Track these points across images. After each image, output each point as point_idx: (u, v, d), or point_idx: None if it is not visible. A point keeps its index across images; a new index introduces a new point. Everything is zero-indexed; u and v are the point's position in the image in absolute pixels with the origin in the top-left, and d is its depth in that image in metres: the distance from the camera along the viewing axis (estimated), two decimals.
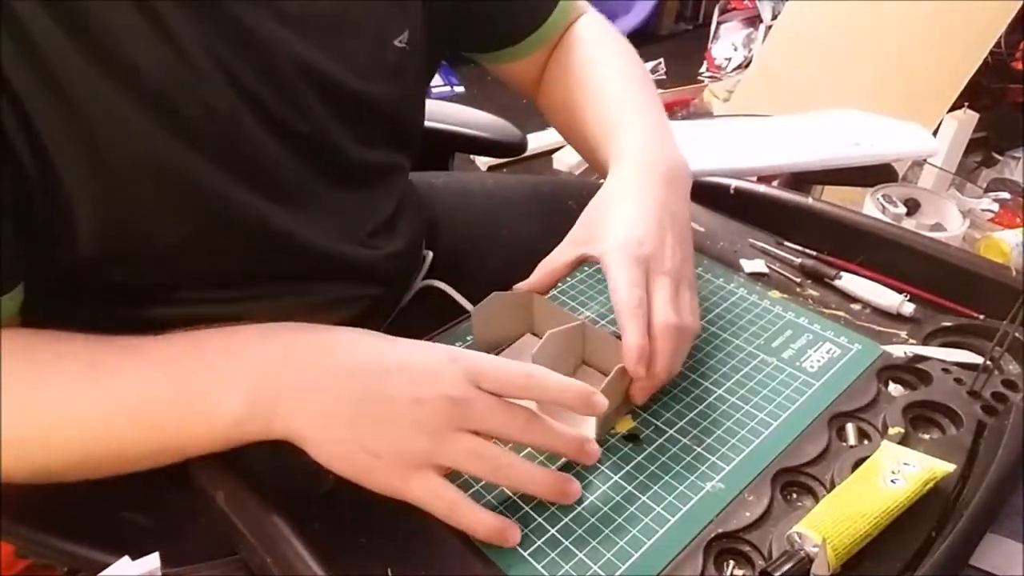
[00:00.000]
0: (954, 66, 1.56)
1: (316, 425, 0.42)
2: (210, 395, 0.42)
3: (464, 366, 0.43)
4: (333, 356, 0.44)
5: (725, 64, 2.77)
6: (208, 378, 0.43)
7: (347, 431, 0.42)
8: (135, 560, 0.41)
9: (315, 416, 0.42)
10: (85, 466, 0.44)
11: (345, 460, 0.42)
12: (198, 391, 0.43)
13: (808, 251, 0.64)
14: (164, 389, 0.43)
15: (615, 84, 0.67)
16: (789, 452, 0.46)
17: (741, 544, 0.41)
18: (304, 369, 0.43)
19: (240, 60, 0.49)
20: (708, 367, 0.53)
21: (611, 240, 0.51)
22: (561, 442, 0.44)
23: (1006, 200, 1.40)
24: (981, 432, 0.47)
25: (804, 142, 0.92)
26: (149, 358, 0.44)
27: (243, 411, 0.42)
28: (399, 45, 0.59)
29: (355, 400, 0.42)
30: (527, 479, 0.43)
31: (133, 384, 0.43)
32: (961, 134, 1.56)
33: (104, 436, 0.43)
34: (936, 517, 0.42)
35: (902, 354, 0.54)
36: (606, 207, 0.54)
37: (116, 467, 0.44)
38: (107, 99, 0.44)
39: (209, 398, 0.42)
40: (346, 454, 0.42)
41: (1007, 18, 1.53)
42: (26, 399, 0.43)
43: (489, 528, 0.41)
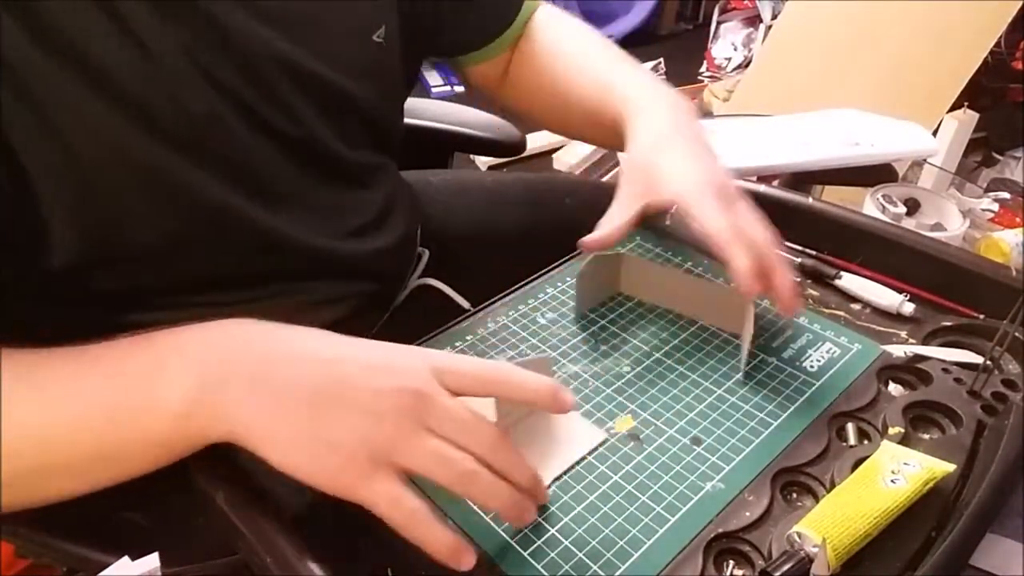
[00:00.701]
0: (954, 66, 1.56)
1: (266, 414, 0.38)
2: (151, 389, 0.39)
3: (428, 360, 0.40)
4: (284, 344, 0.41)
5: (725, 64, 2.77)
6: (149, 372, 0.40)
7: (301, 420, 0.38)
8: (135, 560, 0.41)
9: (265, 404, 0.38)
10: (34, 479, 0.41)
11: (298, 454, 0.38)
12: (138, 386, 0.40)
13: (808, 251, 0.64)
14: (103, 389, 0.40)
15: (591, 50, 0.70)
16: (789, 452, 0.46)
17: (741, 544, 0.41)
18: (252, 357, 0.40)
19: (218, 59, 0.49)
20: (708, 367, 0.53)
21: (678, 182, 0.52)
22: (522, 472, 0.40)
23: (1006, 200, 1.40)
24: (981, 432, 0.47)
25: (804, 142, 0.92)
26: (89, 360, 0.41)
27: (186, 404, 0.39)
28: (377, 40, 0.60)
29: (309, 387, 0.39)
30: (491, 493, 0.39)
31: (71, 386, 0.40)
32: (961, 134, 1.56)
33: (41, 443, 0.40)
34: (936, 517, 0.42)
35: (902, 354, 0.54)
36: (653, 157, 0.56)
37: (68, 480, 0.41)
38: (77, 102, 0.44)
39: (150, 392, 0.39)
40: (300, 446, 0.38)
41: (1007, 18, 1.53)
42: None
43: (445, 547, 0.37)
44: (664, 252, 0.65)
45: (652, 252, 0.65)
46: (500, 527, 0.42)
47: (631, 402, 0.50)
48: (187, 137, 0.48)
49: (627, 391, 0.51)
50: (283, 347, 0.41)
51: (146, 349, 0.41)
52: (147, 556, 0.41)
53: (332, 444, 0.38)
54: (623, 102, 0.61)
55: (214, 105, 0.49)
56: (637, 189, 0.55)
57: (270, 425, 0.38)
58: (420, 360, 0.40)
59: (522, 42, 0.73)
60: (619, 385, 0.52)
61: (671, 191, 0.52)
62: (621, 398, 0.51)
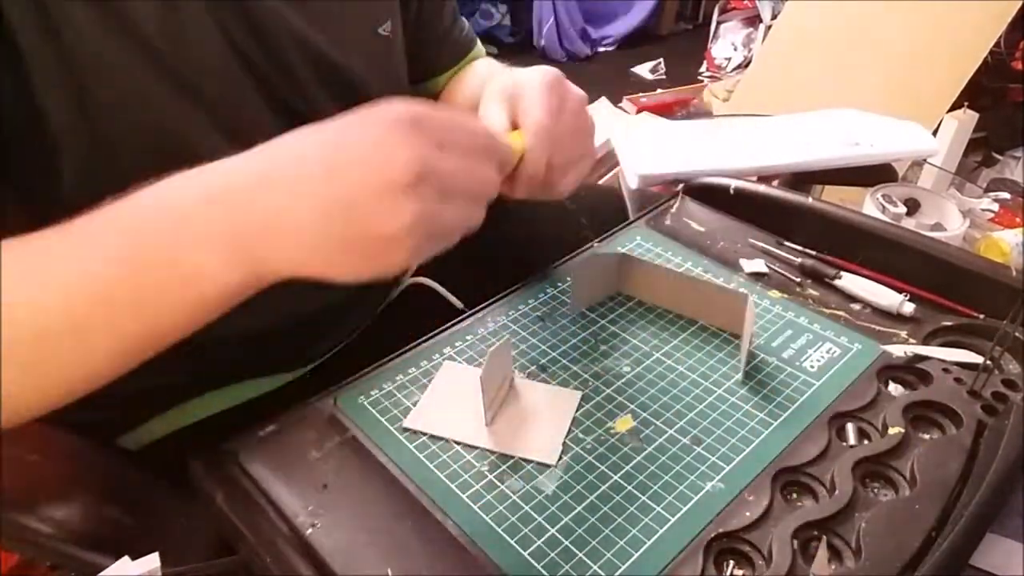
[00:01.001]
0: (954, 66, 1.56)
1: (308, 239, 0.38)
2: (177, 260, 0.38)
3: (407, 120, 0.39)
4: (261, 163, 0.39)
5: (725, 64, 2.77)
6: (164, 248, 0.38)
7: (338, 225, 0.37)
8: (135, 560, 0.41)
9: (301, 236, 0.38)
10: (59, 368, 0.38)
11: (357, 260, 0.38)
12: (156, 262, 0.38)
13: (808, 251, 0.64)
14: (111, 269, 0.38)
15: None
16: (789, 452, 0.46)
17: (741, 544, 0.41)
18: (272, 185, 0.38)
19: (239, 27, 0.50)
20: (708, 367, 0.53)
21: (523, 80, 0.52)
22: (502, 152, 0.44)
23: (1006, 200, 1.40)
24: (981, 432, 0.47)
25: (804, 142, 0.92)
26: (81, 239, 0.39)
27: (225, 266, 0.38)
28: (383, 33, 0.61)
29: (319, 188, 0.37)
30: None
31: (72, 270, 0.38)
32: (961, 134, 1.56)
33: (64, 326, 0.37)
34: (936, 517, 0.42)
35: (902, 354, 0.54)
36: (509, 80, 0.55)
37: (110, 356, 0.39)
38: (103, 46, 0.44)
39: (176, 264, 0.38)
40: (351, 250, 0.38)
41: (1007, 18, 1.53)
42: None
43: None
44: (664, 252, 0.65)
45: (652, 252, 0.65)
46: (500, 527, 0.42)
47: (631, 402, 0.50)
48: (207, 96, 0.49)
49: (627, 391, 0.51)
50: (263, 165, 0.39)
51: (151, 220, 0.39)
52: (147, 556, 0.41)
53: (375, 238, 0.37)
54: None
55: (230, 68, 0.50)
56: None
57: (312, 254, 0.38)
58: (392, 107, 0.39)
59: (451, 82, 0.75)
60: (619, 385, 0.52)
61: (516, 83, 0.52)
62: (621, 398, 0.51)
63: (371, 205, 0.37)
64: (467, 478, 0.45)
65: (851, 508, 0.42)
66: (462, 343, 0.56)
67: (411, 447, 0.47)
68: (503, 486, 0.45)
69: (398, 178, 0.37)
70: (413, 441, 0.48)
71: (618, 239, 0.67)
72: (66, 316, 0.37)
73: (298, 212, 0.37)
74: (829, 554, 0.40)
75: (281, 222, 0.38)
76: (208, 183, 0.39)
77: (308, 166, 0.38)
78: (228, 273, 0.38)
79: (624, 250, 0.63)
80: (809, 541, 0.41)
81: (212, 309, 0.40)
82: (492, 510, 0.43)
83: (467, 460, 0.46)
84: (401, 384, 0.52)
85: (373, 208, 0.37)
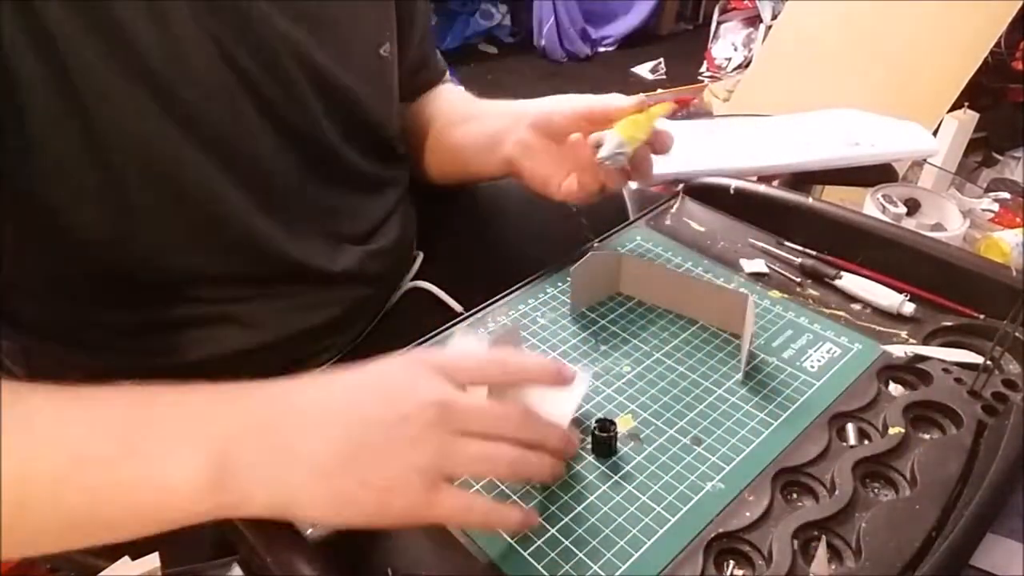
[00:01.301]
0: (954, 66, 1.56)
1: (309, 481, 0.36)
2: (164, 457, 0.36)
3: (432, 366, 0.40)
4: (297, 405, 0.39)
5: (725, 64, 2.77)
6: (160, 439, 0.37)
7: (345, 474, 0.36)
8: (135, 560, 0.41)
9: (304, 472, 0.36)
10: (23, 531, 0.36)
11: (353, 505, 0.37)
12: (147, 452, 0.36)
13: (808, 251, 0.64)
14: (105, 445, 0.36)
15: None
16: (789, 452, 0.46)
17: (741, 544, 0.41)
18: (274, 427, 0.38)
19: (236, 43, 0.49)
20: (708, 367, 0.53)
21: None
22: (555, 436, 0.42)
23: (1006, 200, 1.39)
24: (981, 432, 0.47)
25: (804, 142, 0.92)
26: (89, 407, 0.37)
27: (207, 479, 0.36)
28: (383, 54, 0.61)
29: (341, 439, 0.37)
30: (539, 469, 0.41)
31: (67, 434, 0.36)
32: (961, 134, 1.56)
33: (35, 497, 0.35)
34: (936, 517, 0.42)
35: (902, 354, 0.54)
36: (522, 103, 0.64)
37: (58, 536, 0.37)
38: (107, 77, 0.44)
39: (163, 461, 0.36)
40: (352, 498, 0.37)
41: (1007, 18, 1.53)
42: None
43: (519, 523, 0.40)
44: (664, 252, 0.65)
45: (652, 252, 0.65)
46: None
47: (631, 402, 0.50)
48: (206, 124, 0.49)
49: (627, 391, 0.51)
50: (298, 411, 0.39)
51: (153, 410, 0.38)
52: (147, 556, 0.41)
53: (383, 485, 0.37)
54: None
55: (232, 89, 0.50)
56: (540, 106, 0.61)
57: (314, 491, 0.37)
58: (425, 369, 0.40)
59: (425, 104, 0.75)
60: (619, 385, 0.52)
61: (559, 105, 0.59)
62: (621, 398, 0.51)
63: (400, 494, 0.37)
64: (467, 478, 0.45)
65: (851, 508, 0.42)
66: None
67: None
68: (503, 486, 0.45)
69: (423, 475, 0.37)
70: None
71: (618, 239, 0.67)
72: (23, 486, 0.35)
73: (314, 487, 0.37)
74: (829, 554, 0.40)
75: (291, 448, 0.37)
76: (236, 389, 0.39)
77: (327, 452, 0.37)
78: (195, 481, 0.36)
79: (624, 250, 0.63)
80: (809, 541, 0.41)
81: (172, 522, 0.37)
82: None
83: None
84: None
85: (402, 497, 0.37)
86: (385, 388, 0.39)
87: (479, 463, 0.39)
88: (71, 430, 0.36)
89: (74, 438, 0.36)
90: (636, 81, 3.04)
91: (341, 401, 0.39)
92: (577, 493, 0.44)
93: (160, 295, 0.54)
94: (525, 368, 0.43)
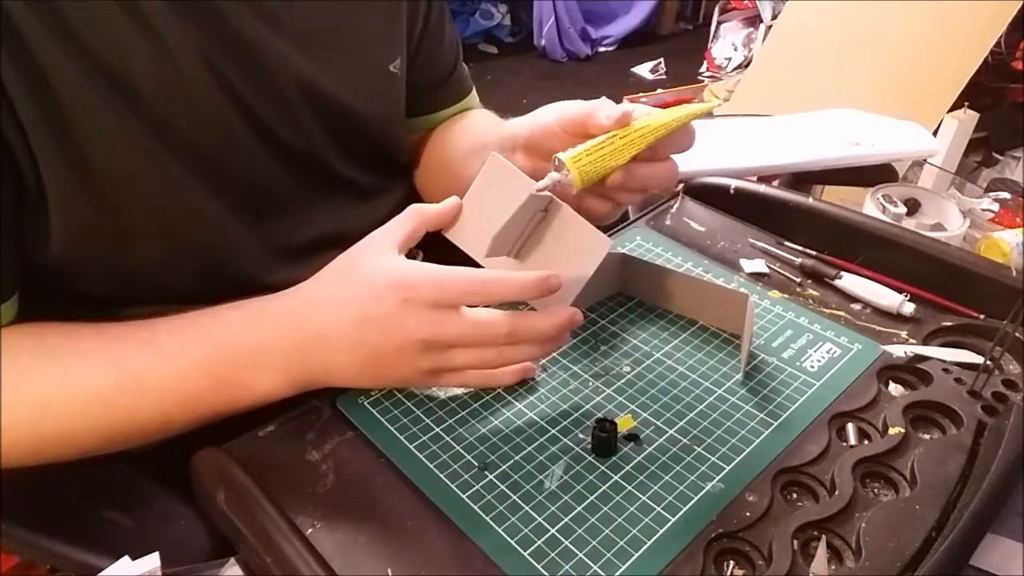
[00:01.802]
0: (954, 66, 1.56)
1: (348, 382, 0.49)
2: (251, 383, 0.47)
3: (420, 301, 0.45)
4: (321, 331, 0.47)
5: (725, 64, 2.77)
6: (243, 371, 0.47)
7: (365, 378, 0.48)
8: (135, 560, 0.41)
9: (341, 379, 0.48)
10: (123, 443, 0.48)
11: (376, 384, 0.50)
12: (236, 382, 0.47)
13: (808, 251, 0.64)
14: (204, 382, 0.47)
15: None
16: (789, 452, 0.46)
17: (741, 544, 0.41)
18: (312, 349, 0.47)
19: (234, 69, 0.49)
20: (708, 367, 0.53)
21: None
22: (548, 328, 0.47)
23: (1006, 200, 1.39)
24: (981, 432, 0.47)
25: (804, 142, 0.92)
26: (179, 360, 0.47)
27: (285, 388, 0.48)
28: (393, 70, 0.61)
29: (357, 364, 0.47)
30: (527, 355, 0.49)
31: (172, 382, 0.46)
32: (961, 134, 1.56)
33: (156, 427, 0.47)
34: (936, 517, 0.42)
35: (902, 354, 0.54)
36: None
37: (160, 436, 0.48)
38: (100, 111, 0.44)
39: (250, 386, 0.47)
40: (374, 384, 0.50)
41: (1007, 18, 1.53)
42: (52, 399, 0.45)
43: (519, 372, 0.51)
44: (664, 252, 0.65)
45: (652, 252, 0.65)
46: (500, 527, 0.42)
47: (631, 402, 0.50)
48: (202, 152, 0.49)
49: (627, 391, 0.51)
50: (319, 336, 0.47)
51: (226, 350, 0.47)
52: (147, 556, 0.41)
53: (394, 382, 0.50)
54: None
55: (227, 114, 0.50)
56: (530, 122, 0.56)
57: (352, 382, 0.49)
58: (413, 305, 0.45)
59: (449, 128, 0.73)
60: (619, 385, 0.52)
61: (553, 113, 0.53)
62: (621, 398, 0.51)
63: (392, 356, 0.46)
64: (467, 478, 0.45)
65: (851, 508, 0.42)
66: None
67: (411, 447, 0.47)
68: (503, 486, 0.45)
69: (411, 342, 0.46)
70: (413, 441, 0.48)
71: (618, 239, 0.67)
72: (159, 416, 0.47)
73: (342, 360, 0.47)
74: (829, 554, 0.40)
75: (331, 364, 0.48)
76: (279, 319, 0.48)
77: (345, 330, 0.46)
78: (285, 391, 0.48)
79: (624, 250, 0.63)
80: (809, 541, 0.41)
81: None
82: (492, 510, 0.43)
83: (467, 460, 0.46)
84: None
85: (394, 358, 0.47)
86: (383, 324, 0.46)
87: (470, 367, 0.48)
88: (170, 383, 0.46)
89: (171, 390, 0.47)
90: (636, 81, 3.04)
91: (352, 336, 0.46)
92: (577, 493, 0.44)
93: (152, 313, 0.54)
94: (519, 285, 0.46)
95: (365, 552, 0.41)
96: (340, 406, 0.50)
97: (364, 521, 0.43)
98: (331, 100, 0.56)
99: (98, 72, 0.43)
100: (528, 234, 0.48)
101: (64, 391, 0.45)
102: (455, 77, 0.73)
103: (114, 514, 0.54)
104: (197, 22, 0.46)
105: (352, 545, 0.41)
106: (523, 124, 0.56)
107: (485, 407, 0.50)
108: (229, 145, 0.51)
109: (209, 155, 0.50)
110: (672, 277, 0.58)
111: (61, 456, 0.47)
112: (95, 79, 0.43)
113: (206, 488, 0.44)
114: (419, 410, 0.50)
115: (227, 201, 0.52)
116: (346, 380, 0.48)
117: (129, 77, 0.44)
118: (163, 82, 0.46)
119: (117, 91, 0.44)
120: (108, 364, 0.46)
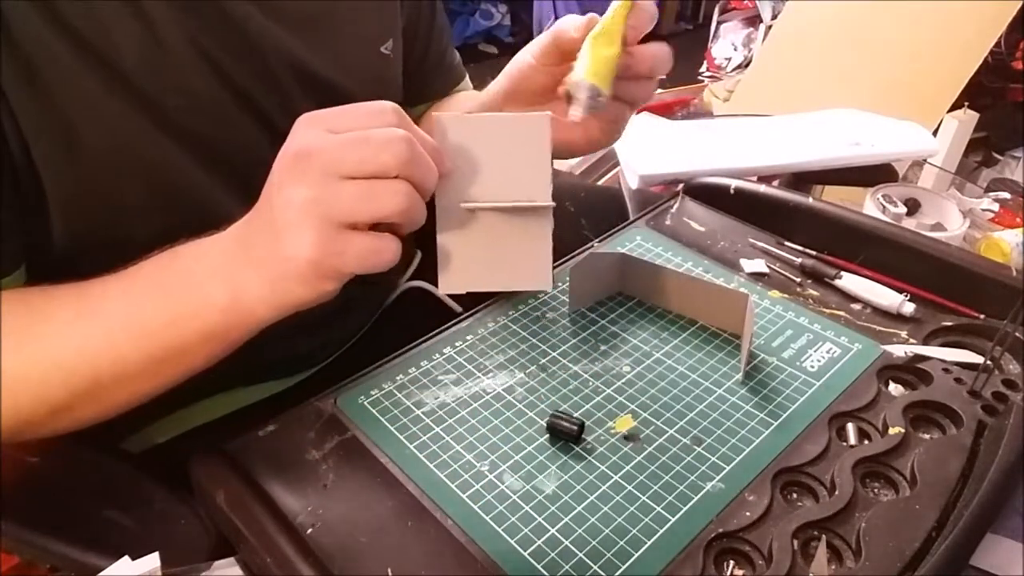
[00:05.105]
0: (954, 66, 1.56)
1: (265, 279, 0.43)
2: (199, 290, 0.44)
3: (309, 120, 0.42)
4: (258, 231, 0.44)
5: (725, 64, 2.77)
6: (188, 281, 0.45)
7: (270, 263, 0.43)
8: (135, 560, 0.41)
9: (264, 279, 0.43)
10: (92, 396, 0.45)
11: (284, 281, 0.42)
12: (185, 292, 0.44)
13: (808, 251, 0.64)
14: (152, 299, 0.45)
15: None
16: (789, 452, 0.46)
17: (741, 544, 0.41)
18: (250, 227, 0.44)
19: (224, 49, 0.49)
20: (708, 367, 0.53)
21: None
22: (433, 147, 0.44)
23: (1006, 200, 1.39)
24: (981, 432, 0.47)
25: (804, 142, 0.92)
26: (131, 280, 0.46)
27: (228, 298, 0.44)
28: (384, 52, 0.61)
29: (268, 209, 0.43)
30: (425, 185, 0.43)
31: (122, 302, 0.45)
32: (961, 134, 1.56)
33: (105, 357, 0.44)
34: (936, 517, 0.42)
35: (902, 354, 0.54)
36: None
37: (122, 390, 0.46)
38: (87, 88, 0.44)
39: (199, 293, 0.44)
40: (293, 280, 0.42)
41: (1007, 18, 1.53)
42: (25, 339, 0.44)
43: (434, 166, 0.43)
44: (664, 252, 0.65)
45: (652, 252, 0.65)
46: (500, 527, 0.42)
47: (631, 402, 0.50)
48: (194, 130, 0.49)
49: (627, 391, 0.51)
50: (250, 221, 0.45)
51: (174, 261, 0.45)
52: (147, 556, 0.41)
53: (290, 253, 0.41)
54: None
55: (219, 96, 0.50)
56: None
57: (273, 284, 0.43)
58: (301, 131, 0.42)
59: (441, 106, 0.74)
60: (619, 385, 0.52)
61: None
62: (621, 398, 0.51)
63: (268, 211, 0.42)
64: (467, 478, 0.45)
65: (851, 508, 0.42)
66: (462, 343, 0.56)
67: (411, 447, 0.47)
68: (503, 486, 0.45)
69: (284, 166, 0.41)
70: (413, 441, 0.48)
71: (618, 239, 0.67)
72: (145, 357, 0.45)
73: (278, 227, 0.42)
74: (829, 554, 0.40)
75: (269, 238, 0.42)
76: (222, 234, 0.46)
77: (263, 208, 0.43)
78: (240, 300, 0.44)
79: (624, 250, 0.63)
80: (809, 541, 0.41)
81: (218, 335, 0.45)
82: (492, 510, 0.43)
83: (467, 460, 0.46)
84: (401, 384, 0.52)
85: (271, 215, 0.41)
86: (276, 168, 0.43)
87: (363, 203, 0.40)
88: (120, 304, 0.45)
89: (126, 299, 0.45)
90: None
91: (269, 209, 0.42)
92: (577, 493, 0.44)
93: None
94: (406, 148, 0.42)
95: (365, 552, 0.41)
96: (340, 406, 0.50)
97: (364, 521, 0.43)
98: (322, 80, 0.56)
99: (86, 51, 0.44)
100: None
101: (32, 330, 0.45)
102: (449, 62, 0.73)
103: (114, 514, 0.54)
104: (185, 2, 0.47)
105: (352, 545, 0.41)
106: (498, 81, 0.58)
107: (485, 407, 0.50)
108: (220, 124, 0.51)
109: (201, 133, 0.50)
110: (672, 277, 0.58)
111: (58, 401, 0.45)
112: (84, 58, 0.44)
113: (206, 488, 0.44)
114: (419, 410, 0.50)
115: (221, 178, 0.52)
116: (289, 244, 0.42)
117: (117, 56, 0.45)
118: (151, 62, 0.46)
119: (105, 69, 0.45)
120: (72, 297, 0.45)
